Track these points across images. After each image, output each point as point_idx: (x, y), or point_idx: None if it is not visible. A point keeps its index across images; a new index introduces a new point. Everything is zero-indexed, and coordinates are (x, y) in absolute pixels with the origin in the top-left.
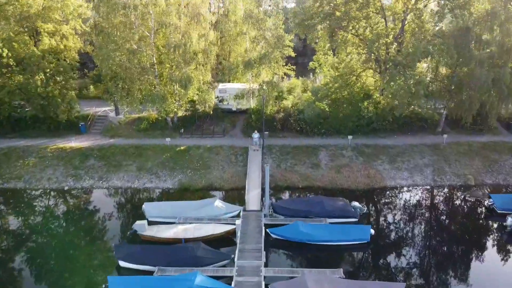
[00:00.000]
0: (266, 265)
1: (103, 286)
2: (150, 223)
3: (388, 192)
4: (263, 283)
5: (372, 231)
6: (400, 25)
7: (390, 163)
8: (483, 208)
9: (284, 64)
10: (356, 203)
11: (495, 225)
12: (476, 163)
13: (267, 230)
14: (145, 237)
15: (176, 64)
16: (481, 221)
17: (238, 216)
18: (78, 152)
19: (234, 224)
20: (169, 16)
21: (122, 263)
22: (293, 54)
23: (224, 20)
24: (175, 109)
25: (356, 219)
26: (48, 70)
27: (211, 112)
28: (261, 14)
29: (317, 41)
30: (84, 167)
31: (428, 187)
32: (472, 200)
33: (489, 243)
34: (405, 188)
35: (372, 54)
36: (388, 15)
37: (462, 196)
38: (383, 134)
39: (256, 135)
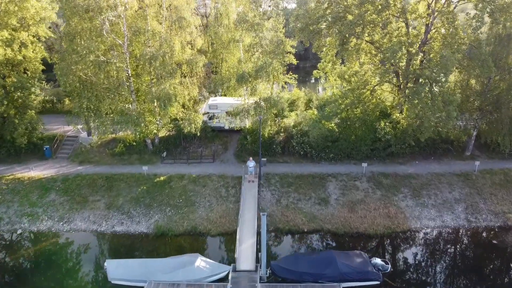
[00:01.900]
0: None
1: None
2: (113, 286)
3: (413, 238)
4: None
5: None
6: (423, 31)
7: (413, 198)
8: None
9: (284, 72)
10: (378, 260)
11: None
12: None
13: None
14: None
15: (155, 78)
16: None
17: (226, 278)
18: (37, 183)
19: None
20: (144, 20)
21: None
22: (295, 62)
23: (215, 24)
24: (155, 130)
25: (379, 282)
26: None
27: (198, 134)
28: (257, 18)
29: (324, 49)
30: (42, 203)
31: (460, 229)
32: None
33: None
34: (433, 231)
35: (388, 65)
36: (410, 19)
37: (505, 242)
38: (402, 160)
39: (251, 163)
